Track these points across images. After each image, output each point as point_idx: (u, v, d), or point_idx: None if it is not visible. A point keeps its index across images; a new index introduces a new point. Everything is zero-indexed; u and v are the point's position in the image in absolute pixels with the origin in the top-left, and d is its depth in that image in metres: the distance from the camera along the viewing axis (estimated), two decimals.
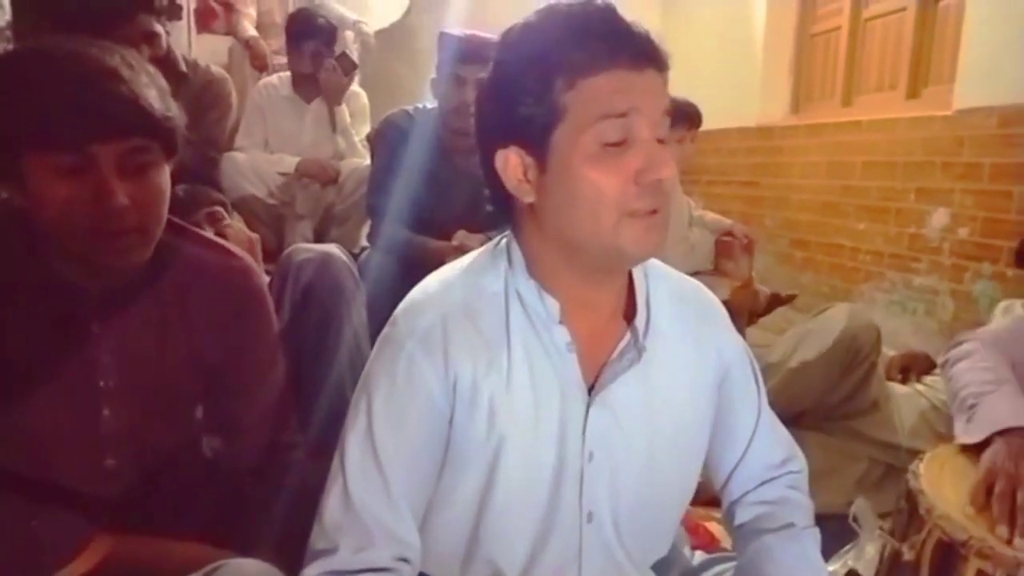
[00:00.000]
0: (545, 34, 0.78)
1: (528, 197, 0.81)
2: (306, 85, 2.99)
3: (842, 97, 3.89)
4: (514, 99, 0.77)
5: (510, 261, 0.86)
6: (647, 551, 0.95)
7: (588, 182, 0.76)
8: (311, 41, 2.92)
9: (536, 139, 0.77)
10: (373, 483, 0.80)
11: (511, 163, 0.80)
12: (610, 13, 0.77)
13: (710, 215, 3.28)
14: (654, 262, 0.92)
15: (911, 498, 1.02)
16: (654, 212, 0.77)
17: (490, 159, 0.82)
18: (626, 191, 0.76)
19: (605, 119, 0.74)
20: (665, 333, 0.89)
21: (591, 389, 0.85)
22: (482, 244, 0.93)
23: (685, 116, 2.83)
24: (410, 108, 2.35)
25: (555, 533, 0.87)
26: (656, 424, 0.88)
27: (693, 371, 0.92)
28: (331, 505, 0.81)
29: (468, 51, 2.15)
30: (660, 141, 0.78)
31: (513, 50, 0.80)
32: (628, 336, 0.87)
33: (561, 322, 0.83)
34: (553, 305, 0.83)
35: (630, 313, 0.88)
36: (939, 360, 1.36)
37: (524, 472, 0.84)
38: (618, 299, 0.88)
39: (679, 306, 0.92)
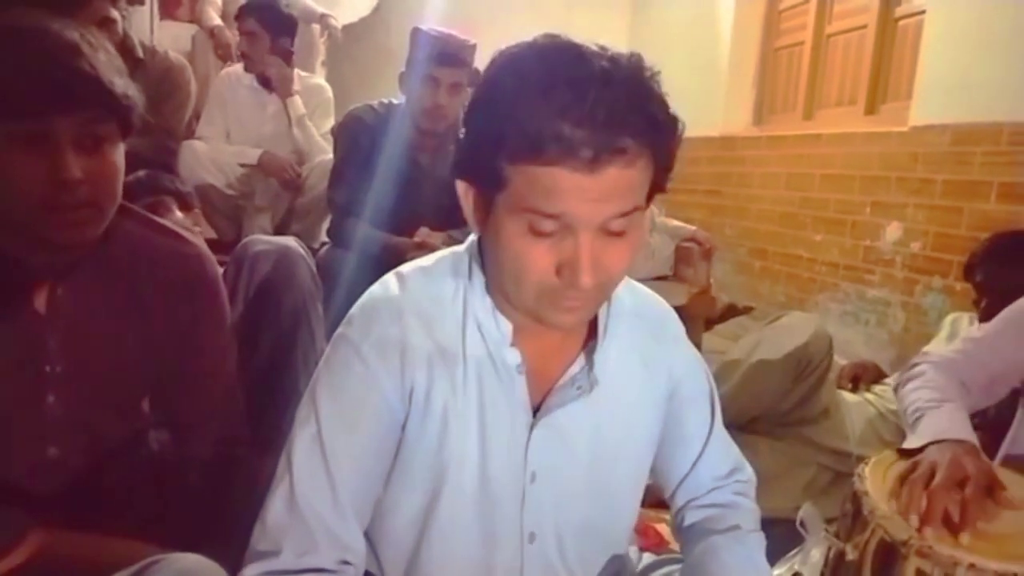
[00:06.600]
0: (515, 92, 0.68)
1: (477, 230, 0.80)
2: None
3: (803, 110, 3.98)
4: (473, 142, 0.75)
5: (470, 275, 0.84)
6: (590, 569, 0.95)
7: (513, 255, 0.73)
8: (246, 20, 2.83)
9: (484, 188, 0.75)
10: (320, 485, 0.78)
11: (466, 195, 0.78)
12: (607, 95, 0.66)
13: (673, 222, 3.32)
14: None
15: (856, 500, 1.05)
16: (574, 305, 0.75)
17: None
18: (548, 278, 0.73)
19: (536, 213, 0.70)
20: (617, 358, 0.87)
21: (537, 409, 0.84)
22: (444, 242, 0.92)
23: None
24: (375, 103, 2.33)
25: (497, 553, 0.86)
26: (603, 445, 0.88)
27: (641, 391, 0.91)
28: (275, 506, 0.79)
29: (445, 53, 2.13)
30: (613, 233, 0.72)
31: (489, 88, 0.73)
32: (582, 362, 0.86)
33: (513, 344, 0.82)
34: (506, 326, 0.82)
35: (589, 333, 0.87)
36: (892, 382, 1.40)
37: (469, 488, 0.83)
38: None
39: (636, 323, 0.91)
